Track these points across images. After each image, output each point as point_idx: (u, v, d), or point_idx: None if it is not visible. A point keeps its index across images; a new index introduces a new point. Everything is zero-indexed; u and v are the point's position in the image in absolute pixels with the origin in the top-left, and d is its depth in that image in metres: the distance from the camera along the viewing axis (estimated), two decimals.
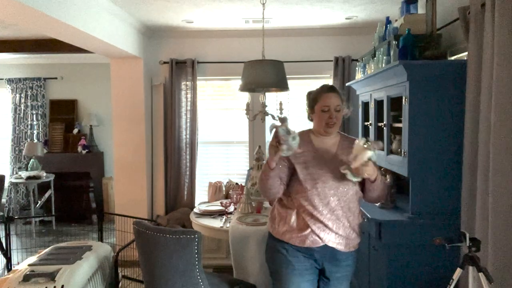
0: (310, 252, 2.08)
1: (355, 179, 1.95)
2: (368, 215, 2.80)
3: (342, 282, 2.19)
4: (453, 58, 2.96)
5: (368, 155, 1.86)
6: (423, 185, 2.65)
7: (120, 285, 3.36)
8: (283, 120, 1.87)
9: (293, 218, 2.09)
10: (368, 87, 3.60)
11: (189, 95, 4.70)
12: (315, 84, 4.75)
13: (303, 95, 2.29)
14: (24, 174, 5.59)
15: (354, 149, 1.91)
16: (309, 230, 2.05)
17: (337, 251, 2.08)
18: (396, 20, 3.21)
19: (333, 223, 2.05)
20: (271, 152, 1.90)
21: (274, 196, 2.13)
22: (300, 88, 4.77)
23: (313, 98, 2.15)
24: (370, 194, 2.13)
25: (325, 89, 2.14)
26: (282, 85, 3.05)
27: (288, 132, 1.83)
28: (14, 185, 5.91)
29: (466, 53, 2.53)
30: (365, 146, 1.87)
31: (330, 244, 2.06)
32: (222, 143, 4.95)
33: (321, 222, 2.03)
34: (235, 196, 3.40)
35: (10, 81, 6.58)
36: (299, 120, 4.67)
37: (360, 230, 2.18)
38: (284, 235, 2.10)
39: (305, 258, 2.09)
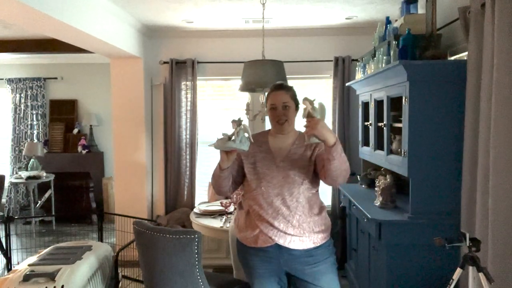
0: (266, 254, 2.08)
1: (316, 141, 1.85)
2: (368, 215, 2.80)
3: (319, 277, 2.08)
4: (453, 58, 2.96)
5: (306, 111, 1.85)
6: (423, 185, 2.65)
7: (120, 285, 3.35)
8: (239, 123, 1.95)
9: (244, 218, 2.14)
10: (368, 87, 3.60)
11: (189, 95, 4.70)
12: (315, 84, 4.80)
13: (303, 95, 2.27)
14: (24, 174, 5.59)
15: (303, 114, 1.89)
16: (258, 229, 2.07)
17: (292, 249, 2.05)
18: (396, 20, 3.21)
19: (279, 223, 2.03)
20: (222, 155, 1.97)
21: (225, 193, 2.23)
22: (300, 88, 4.76)
23: (266, 99, 2.18)
24: (332, 170, 1.89)
25: (273, 88, 2.16)
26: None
27: (234, 137, 1.91)
28: (14, 185, 5.91)
29: (466, 53, 2.53)
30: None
31: (281, 243, 2.04)
32: None
33: (267, 221, 2.04)
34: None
35: (10, 81, 6.58)
36: (299, 120, 4.69)
37: (322, 223, 2.12)
38: (239, 235, 2.16)
39: (264, 261, 2.09)
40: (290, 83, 3.19)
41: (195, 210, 3.47)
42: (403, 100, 2.71)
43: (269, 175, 2.07)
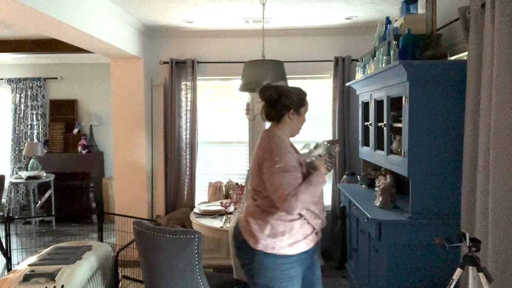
0: (307, 255, 2.11)
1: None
2: (368, 215, 2.80)
3: (318, 266, 2.27)
4: (453, 58, 2.96)
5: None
6: (423, 185, 2.65)
7: (120, 285, 3.35)
8: (336, 141, 2.26)
9: (298, 226, 2.04)
10: (368, 87, 3.60)
11: (189, 95, 4.70)
12: (315, 84, 4.80)
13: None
14: (24, 174, 5.59)
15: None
16: (312, 229, 2.10)
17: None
18: (396, 20, 3.21)
19: (321, 212, 2.15)
20: (328, 168, 2.12)
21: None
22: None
23: (302, 101, 2.12)
24: None
25: (306, 95, 2.18)
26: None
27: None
28: (14, 185, 5.91)
29: (466, 53, 2.53)
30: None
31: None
32: (222, 143, 4.95)
33: (319, 217, 2.13)
34: (235, 196, 3.41)
35: (10, 81, 6.58)
36: None
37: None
38: (289, 248, 2.02)
39: (304, 264, 2.11)
40: (290, 83, 3.20)
41: (195, 210, 3.47)
42: (403, 100, 2.71)
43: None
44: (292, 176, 1.96)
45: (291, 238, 2.03)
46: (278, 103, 2.07)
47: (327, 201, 4.59)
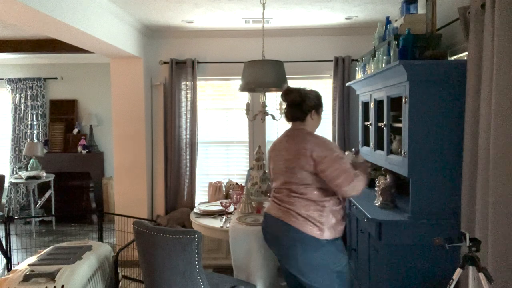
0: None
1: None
2: (368, 215, 2.80)
3: None
4: (453, 58, 2.96)
5: None
6: (423, 185, 2.65)
7: (120, 285, 3.36)
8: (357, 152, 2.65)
9: (342, 212, 2.33)
10: (368, 87, 3.60)
11: (189, 95, 4.70)
12: (315, 84, 4.80)
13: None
14: (24, 174, 5.59)
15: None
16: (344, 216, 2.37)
17: None
18: (396, 20, 3.21)
19: None
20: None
21: None
22: None
23: (320, 102, 2.42)
24: None
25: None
26: (282, 85, 3.05)
27: None
28: (14, 185, 5.91)
29: (466, 53, 2.53)
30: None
31: None
32: (222, 143, 4.95)
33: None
34: (235, 196, 3.41)
35: (10, 81, 6.58)
36: None
37: None
38: (339, 229, 2.30)
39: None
40: (290, 83, 3.21)
41: (195, 210, 3.47)
42: (403, 100, 2.71)
43: None
44: (347, 162, 2.25)
45: (342, 222, 2.30)
46: (303, 104, 2.32)
47: None
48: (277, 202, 2.35)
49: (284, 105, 2.40)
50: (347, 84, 4.26)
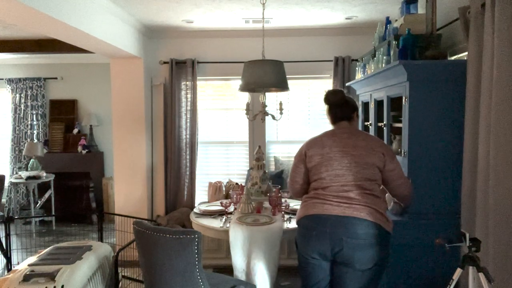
0: None
1: None
2: None
3: None
4: (453, 58, 2.96)
5: None
6: (423, 185, 2.65)
7: (120, 285, 3.35)
8: None
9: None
10: (368, 87, 3.60)
11: (189, 95, 4.70)
12: (315, 84, 4.80)
13: (303, 95, 2.39)
14: (24, 174, 5.59)
15: None
16: None
17: None
18: (396, 20, 3.21)
19: None
20: None
21: None
22: (300, 88, 4.77)
23: (356, 104, 2.47)
24: None
25: None
26: (282, 85, 3.05)
27: None
28: (14, 185, 5.91)
29: (466, 53, 2.53)
30: None
31: None
32: (222, 143, 4.95)
33: None
34: (235, 196, 3.40)
35: (10, 81, 6.58)
36: (299, 120, 4.68)
37: None
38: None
39: None
40: (290, 83, 3.21)
41: (195, 210, 3.46)
42: (403, 100, 2.71)
43: None
44: None
45: None
46: (349, 103, 2.39)
47: None
48: (341, 201, 2.18)
49: (325, 107, 2.46)
50: (347, 84, 4.26)
